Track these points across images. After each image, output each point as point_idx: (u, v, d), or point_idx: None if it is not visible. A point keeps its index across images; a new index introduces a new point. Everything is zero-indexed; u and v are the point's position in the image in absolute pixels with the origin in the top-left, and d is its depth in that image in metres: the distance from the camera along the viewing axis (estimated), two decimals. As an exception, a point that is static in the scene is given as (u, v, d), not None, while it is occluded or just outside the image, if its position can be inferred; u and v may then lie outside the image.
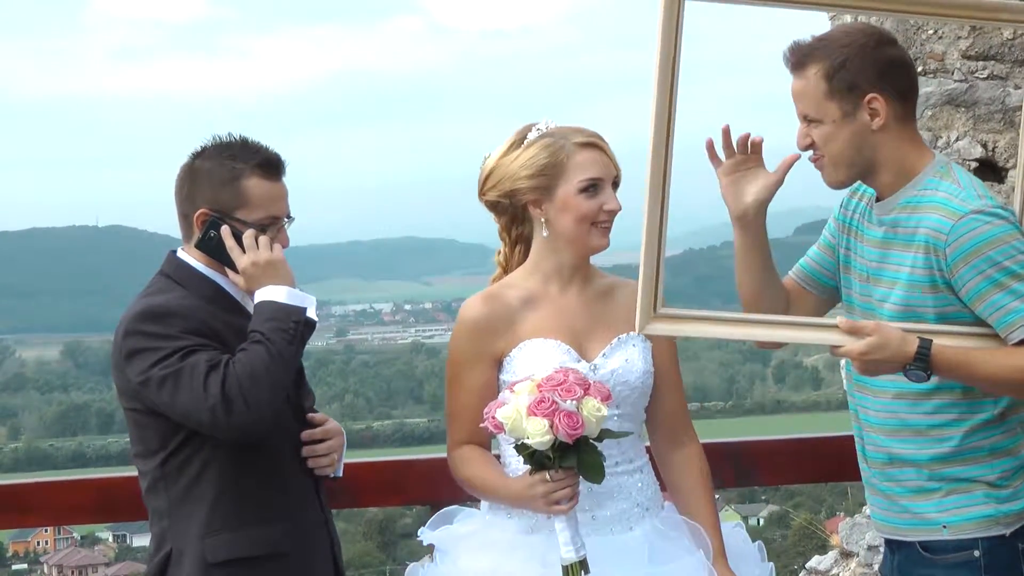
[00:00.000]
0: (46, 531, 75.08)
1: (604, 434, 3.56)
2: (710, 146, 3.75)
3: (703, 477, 3.91)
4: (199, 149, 3.76)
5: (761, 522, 59.33)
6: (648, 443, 3.98)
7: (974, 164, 7.67)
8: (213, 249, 3.68)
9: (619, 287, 3.92)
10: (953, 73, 7.68)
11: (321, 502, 3.83)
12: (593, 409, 3.48)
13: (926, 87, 7.72)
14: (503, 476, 3.76)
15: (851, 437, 4.72)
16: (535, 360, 3.74)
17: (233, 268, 3.67)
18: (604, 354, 3.80)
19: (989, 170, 7.74)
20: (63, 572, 68.92)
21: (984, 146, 7.71)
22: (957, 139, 7.70)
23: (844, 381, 3.83)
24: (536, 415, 3.46)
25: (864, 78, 3.64)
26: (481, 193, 3.89)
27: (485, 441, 3.85)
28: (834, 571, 7.92)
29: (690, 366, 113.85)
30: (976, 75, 7.68)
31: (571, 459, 3.52)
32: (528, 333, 3.78)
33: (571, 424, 3.45)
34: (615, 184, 3.82)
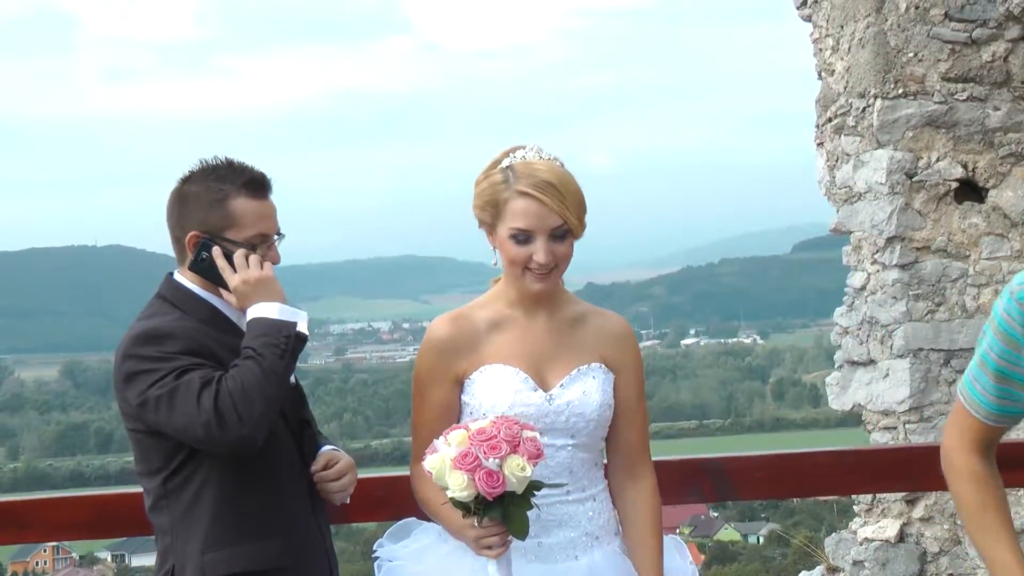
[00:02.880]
0: (44, 551, 74.80)
1: (534, 485, 3.56)
2: None
3: (653, 514, 3.91)
4: (186, 174, 3.82)
5: (761, 540, 59.17)
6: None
7: (954, 185, 7.79)
8: (206, 270, 3.76)
9: (591, 315, 3.93)
10: (933, 95, 7.79)
11: (318, 518, 3.89)
12: (516, 468, 3.47)
13: (907, 108, 7.83)
14: (449, 505, 3.76)
15: (827, 452, 4.81)
16: (493, 386, 3.77)
17: (226, 287, 3.74)
18: (562, 384, 3.81)
19: (970, 190, 7.86)
20: (62, 592, 68.69)
21: (964, 167, 7.82)
22: (937, 160, 7.81)
23: None
24: (458, 469, 3.47)
25: None
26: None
27: None
28: (820, 585, 8.01)
29: (689, 384, 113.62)
30: (956, 96, 7.79)
31: (495, 512, 3.54)
32: (490, 356, 3.80)
33: (491, 483, 3.46)
34: (561, 233, 3.76)
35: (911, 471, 4.88)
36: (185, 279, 3.82)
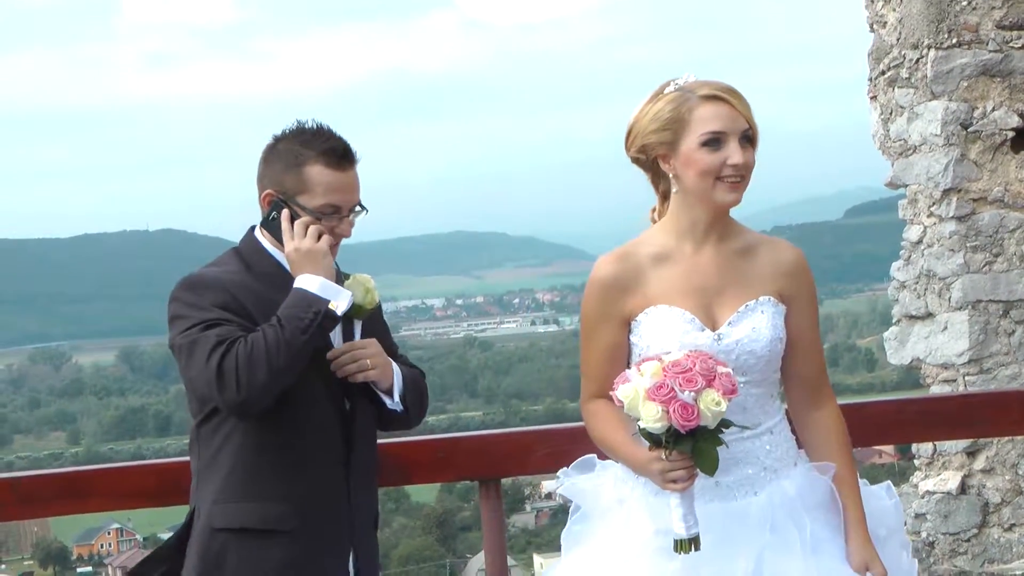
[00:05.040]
0: (108, 533, 75.65)
1: (725, 423, 3.50)
2: None
3: (841, 441, 3.83)
4: (280, 132, 3.85)
5: (819, 505, 58.98)
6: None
7: (1010, 134, 7.71)
8: (273, 230, 3.79)
9: (762, 245, 3.83)
10: (988, 44, 7.71)
11: (352, 485, 3.86)
12: (711, 402, 3.43)
13: (961, 58, 7.75)
14: (629, 441, 3.69)
15: (886, 402, 4.79)
16: (659, 328, 3.70)
17: None
18: (730, 322, 3.71)
19: (1026, 139, 7.78)
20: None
21: (1021, 115, 7.72)
22: (993, 109, 7.72)
23: None
24: (652, 400, 3.42)
25: None
26: (626, 150, 3.84)
27: None
28: (883, 541, 7.97)
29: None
30: (1011, 44, 7.70)
31: (686, 446, 3.48)
32: (657, 294, 3.72)
33: (685, 415, 3.41)
34: (748, 139, 3.71)
35: (971, 419, 4.86)
36: (260, 235, 3.85)
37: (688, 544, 3.53)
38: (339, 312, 3.70)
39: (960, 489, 7.65)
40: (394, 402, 3.88)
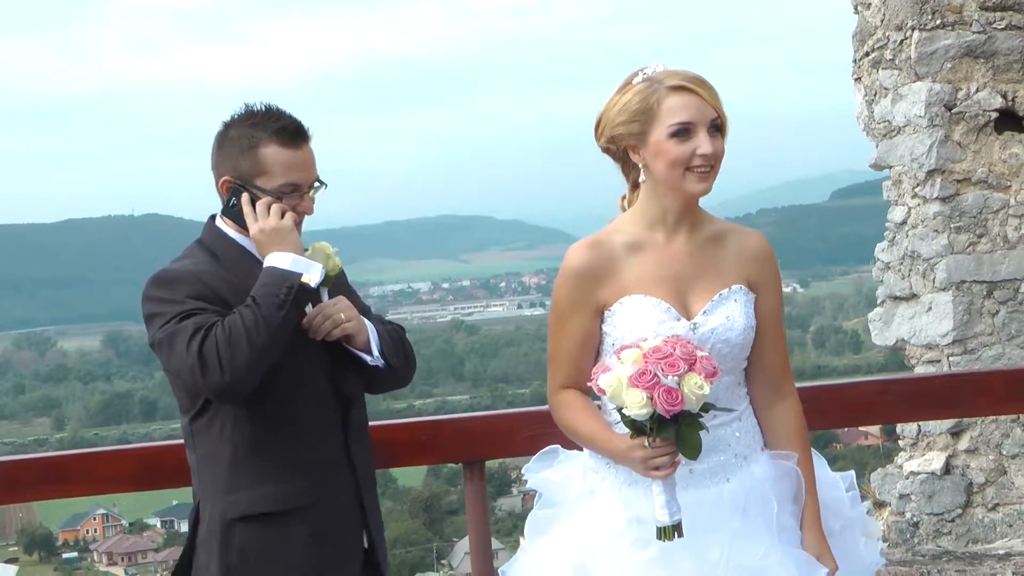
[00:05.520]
0: (94, 519, 75.60)
1: (707, 407, 3.52)
2: None
3: (800, 435, 3.85)
4: (229, 118, 3.85)
5: (805, 487, 59.19)
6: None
7: (994, 115, 7.71)
8: (235, 216, 3.79)
9: (730, 233, 3.84)
10: (971, 25, 7.72)
11: (353, 460, 3.88)
12: (694, 386, 3.44)
13: (945, 40, 7.76)
14: (606, 429, 3.71)
15: (874, 383, 4.79)
16: (635, 318, 3.70)
17: None
18: (705, 311, 3.72)
19: (1009, 120, 7.80)
20: (113, 559, 69.44)
21: (1004, 96, 7.75)
22: (977, 90, 7.74)
23: None
24: (636, 387, 3.43)
25: None
26: (595, 140, 3.85)
27: (585, 386, 3.78)
28: (867, 521, 8.00)
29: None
30: (994, 25, 7.71)
31: (669, 431, 3.49)
32: (631, 283, 3.73)
33: (670, 400, 3.42)
34: (717, 128, 3.71)
35: (955, 399, 4.87)
36: (223, 223, 3.84)
37: (671, 531, 3.55)
38: (312, 284, 3.70)
39: (944, 469, 7.67)
40: (375, 358, 3.86)
